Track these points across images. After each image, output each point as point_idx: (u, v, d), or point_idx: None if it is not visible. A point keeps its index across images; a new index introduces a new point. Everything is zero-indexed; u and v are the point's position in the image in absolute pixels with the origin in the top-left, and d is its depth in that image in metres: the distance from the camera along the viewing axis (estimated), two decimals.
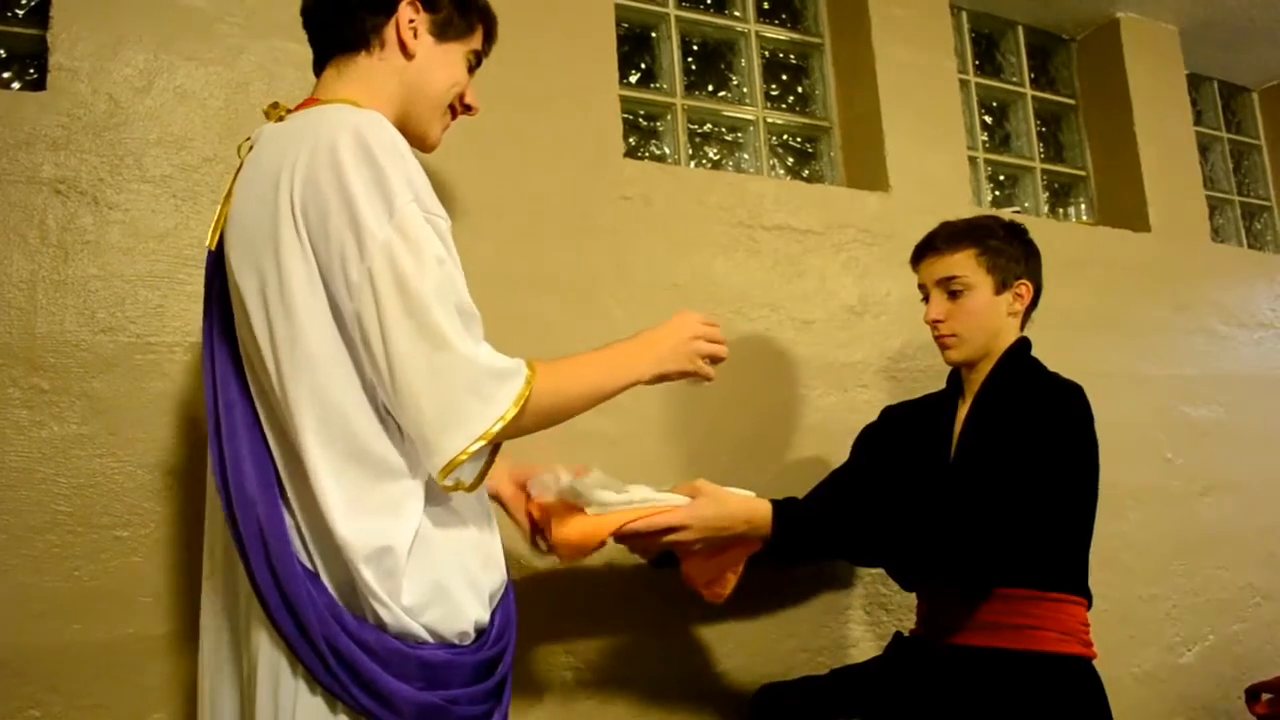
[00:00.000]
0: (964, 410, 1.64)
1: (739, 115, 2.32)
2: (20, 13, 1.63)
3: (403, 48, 1.14)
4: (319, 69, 1.17)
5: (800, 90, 2.43)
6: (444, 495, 1.04)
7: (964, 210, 1.96)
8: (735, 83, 2.34)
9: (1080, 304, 2.44)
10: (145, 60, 1.55)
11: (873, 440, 1.82)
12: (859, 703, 1.61)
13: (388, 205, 0.96)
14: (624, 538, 1.29)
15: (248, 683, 1.03)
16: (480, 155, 1.76)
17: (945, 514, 1.46)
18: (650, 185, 1.96)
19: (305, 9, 1.18)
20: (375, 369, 0.97)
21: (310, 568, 1.00)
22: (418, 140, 1.17)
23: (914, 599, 1.74)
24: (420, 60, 1.15)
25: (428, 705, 0.99)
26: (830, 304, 2.13)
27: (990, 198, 2.67)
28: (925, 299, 1.66)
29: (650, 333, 1.20)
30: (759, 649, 1.90)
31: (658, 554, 1.47)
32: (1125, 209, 2.72)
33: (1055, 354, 1.66)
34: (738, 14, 2.35)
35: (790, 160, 2.39)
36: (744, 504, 1.36)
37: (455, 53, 1.18)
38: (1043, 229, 1.93)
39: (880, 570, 1.97)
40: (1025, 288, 1.62)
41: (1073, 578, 1.53)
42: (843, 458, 1.84)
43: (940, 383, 1.76)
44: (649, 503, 1.29)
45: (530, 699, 1.69)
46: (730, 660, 1.88)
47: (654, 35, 2.25)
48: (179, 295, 1.52)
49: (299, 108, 1.12)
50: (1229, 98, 3.26)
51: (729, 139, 2.33)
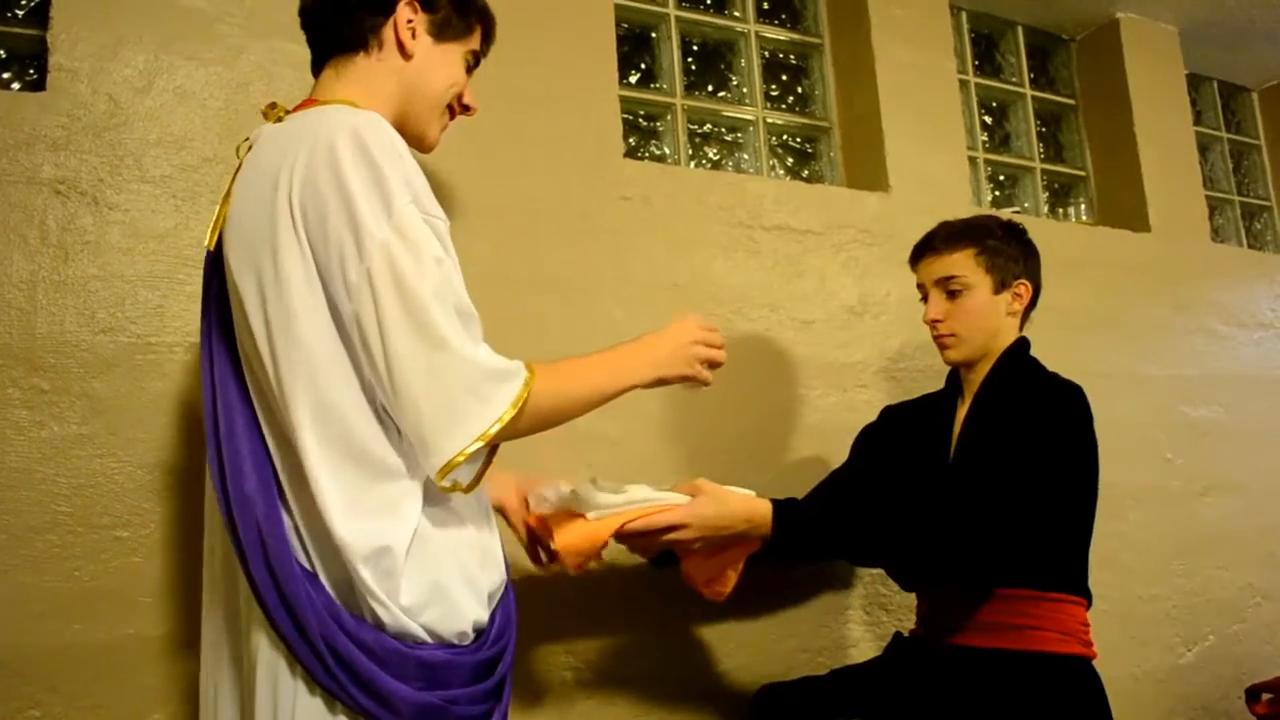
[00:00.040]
0: (963, 410, 1.64)
1: (739, 115, 2.31)
2: (20, 13, 1.63)
3: (401, 48, 1.14)
4: (317, 70, 1.17)
5: (800, 90, 2.43)
6: (442, 495, 1.04)
7: (964, 210, 1.96)
8: (735, 83, 2.34)
9: (1080, 304, 2.44)
10: (145, 61, 1.55)
11: (872, 440, 1.82)
12: (859, 703, 1.61)
13: (386, 206, 0.96)
14: (624, 537, 1.29)
15: (247, 683, 1.03)
16: (480, 155, 1.77)
17: (945, 514, 1.46)
18: (650, 185, 1.96)
19: (303, 9, 1.18)
20: (374, 369, 0.97)
21: (309, 568, 1.00)
22: (416, 140, 1.17)
23: (914, 599, 1.74)
24: (418, 61, 1.15)
25: (427, 705, 0.98)
26: (830, 304, 2.13)
27: (990, 198, 2.67)
28: (924, 299, 1.66)
29: (649, 337, 1.20)
30: (759, 649, 1.90)
31: (658, 553, 1.47)
32: (1125, 209, 2.72)
33: (1055, 354, 1.66)
34: (738, 14, 2.35)
35: (790, 160, 2.39)
36: (744, 503, 1.37)
37: (454, 53, 1.18)
38: (1042, 229, 1.93)
39: (880, 570, 1.97)
40: (1024, 287, 1.62)
41: (1072, 578, 1.53)
42: (842, 458, 1.85)
43: (940, 383, 1.76)
44: (648, 502, 1.29)
45: (530, 699, 1.69)
46: (730, 660, 1.88)
47: (654, 35, 2.25)
48: (179, 295, 1.52)
49: (297, 108, 1.12)
50: (1229, 98, 3.26)
51: (729, 139, 2.33)
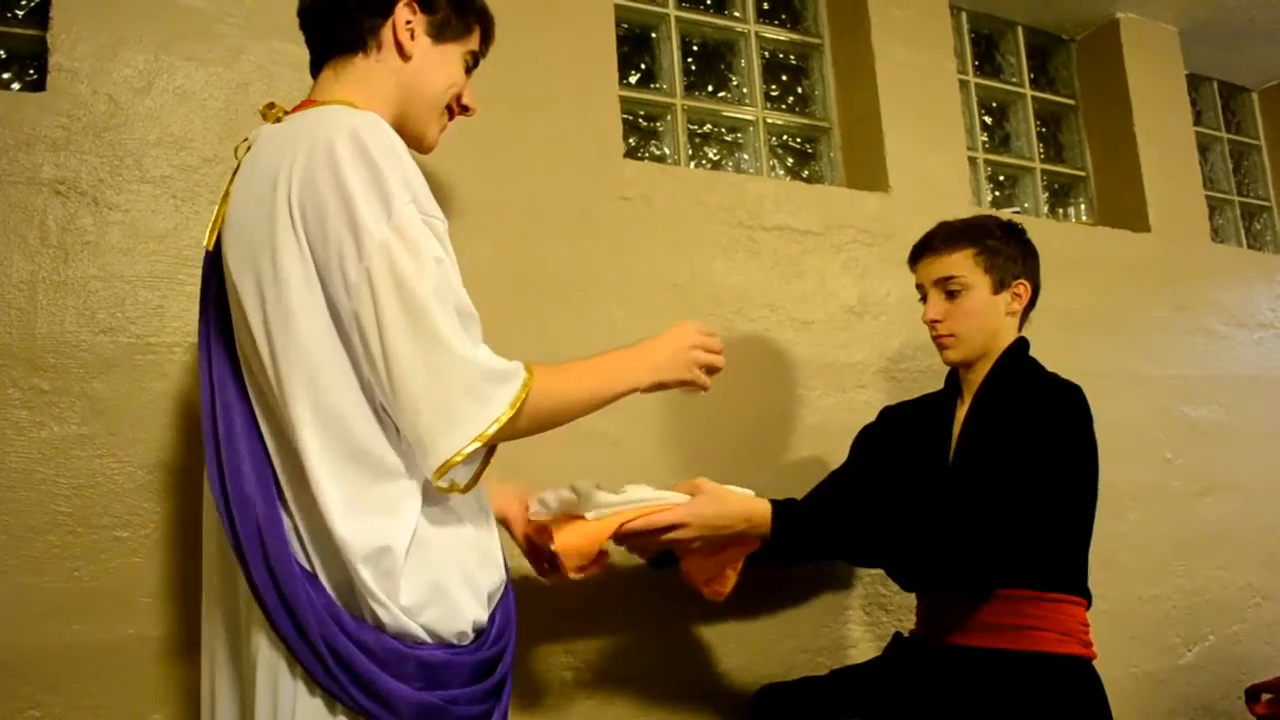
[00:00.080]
0: (963, 411, 1.64)
1: (739, 116, 2.31)
2: (20, 13, 1.63)
3: (400, 49, 1.14)
4: (316, 71, 1.17)
5: (800, 91, 2.43)
6: (441, 495, 1.04)
7: (964, 210, 1.96)
8: (735, 83, 2.34)
9: (1080, 304, 2.44)
10: (145, 61, 1.55)
11: (871, 441, 1.82)
12: (859, 703, 1.61)
13: (385, 206, 0.96)
14: (623, 537, 1.29)
15: (247, 683, 1.03)
16: (480, 155, 1.77)
17: (944, 515, 1.46)
18: (650, 185, 1.96)
19: (302, 10, 1.18)
20: (373, 369, 0.97)
21: (308, 569, 1.00)
22: (415, 141, 1.17)
23: (914, 599, 1.74)
24: (417, 62, 1.15)
25: (426, 705, 0.99)
26: (830, 304, 2.13)
27: (990, 198, 2.67)
28: (923, 299, 1.66)
29: (649, 341, 1.20)
30: (759, 649, 1.90)
31: (656, 553, 1.47)
32: (1125, 209, 2.71)
33: (1055, 354, 1.66)
34: (738, 14, 2.35)
35: (790, 161, 2.39)
36: (744, 503, 1.37)
37: (452, 54, 1.18)
38: (1042, 229, 1.93)
39: (880, 570, 1.96)
40: (1023, 287, 1.62)
41: (1072, 578, 1.53)
42: (842, 458, 1.84)
43: (939, 383, 1.76)
44: (647, 502, 1.29)
45: (530, 699, 1.69)
46: (730, 660, 1.88)
47: (654, 35, 2.25)
48: (179, 296, 1.52)
49: (296, 109, 1.12)
50: (1229, 98, 3.26)
51: (729, 139, 2.33)
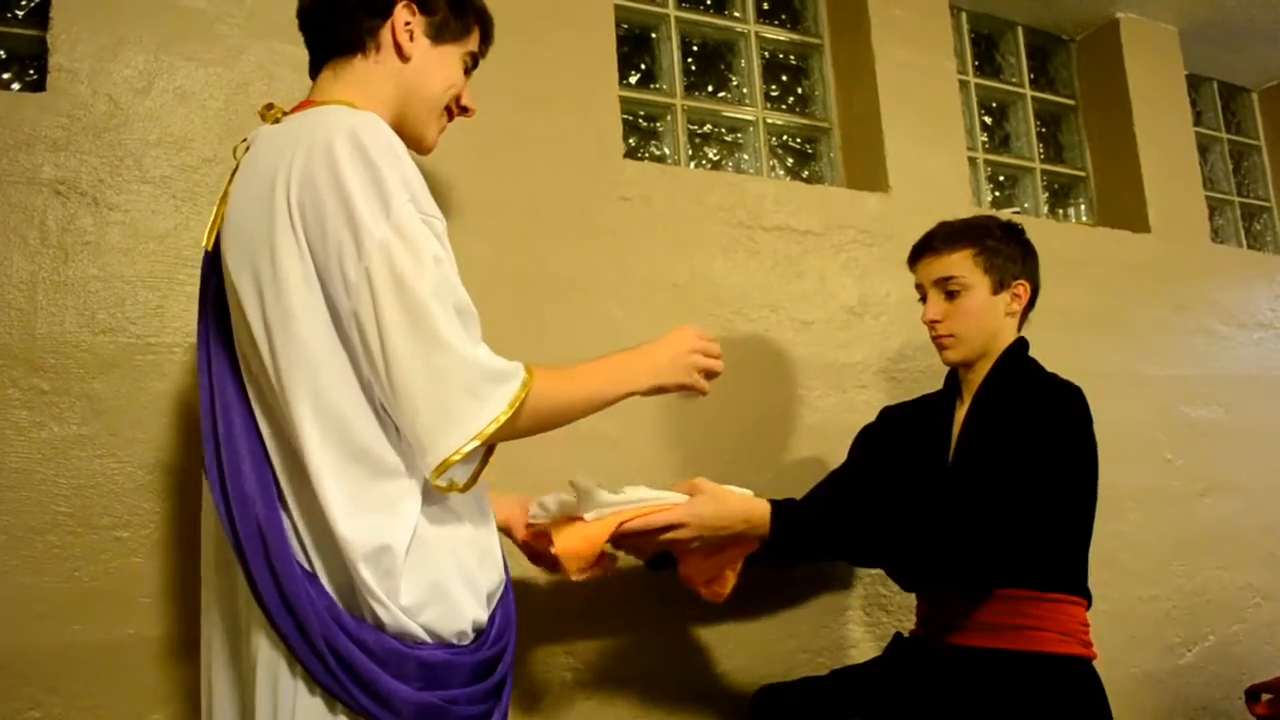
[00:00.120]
0: (962, 411, 1.64)
1: (739, 116, 2.32)
2: (20, 13, 1.63)
3: (399, 50, 1.14)
4: (315, 71, 1.17)
5: (800, 91, 2.43)
6: (441, 494, 1.04)
7: (964, 211, 1.96)
8: (735, 83, 2.34)
9: (1080, 304, 2.44)
10: (145, 61, 1.55)
11: (871, 441, 1.82)
12: (859, 703, 1.61)
13: (385, 205, 0.96)
14: (622, 538, 1.29)
15: (247, 683, 1.03)
16: (480, 156, 1.77)
17: (944, 515, 1.45)
18: (650, 186, 1.96)
19: (301, 11, 1.18)
20: (372, 368, 0.97)
21: (309, 568, 1.00)
22: (414, 142, 1.17)
23: (914, 599, 1.74)
24: (416, 62, 1.15)
25: (426, 705, 0.99)
26: (830, 305, 2.13)
27: (990, 198, 2.67)
28: (923, 299, 1.66)
29: (648, 345, 1.21)
30: (759, 649, 1.90)
31: (654, 554, 1.47)
32: (1125, 209, 2.72)
33: (1055, 354, 1.66)
34: (738, 14, 2.35)
35: (790, 161, 2.39)
36: (743, 503, 1.37)
37: (451, 55, 1.18)
38: (1042, 229, 1.94)
39: (880, 570, 1.97)
40: (1023, 287, 1.62)
41: (1072, 578, 1.53)
42: (841, 458, 1.84)
43: (939, 383, 1.76)
44: (645, 502, 1.29)
45: (530, 699, 1.69)
46: (730, 660, 1.88)
47: (654, 36, 2.25)
48: (179, 296, 1.52)
49: (295, 110, 1.12)
50: (1229, 98, 3.26)
51: (729, 140, 2.33)
